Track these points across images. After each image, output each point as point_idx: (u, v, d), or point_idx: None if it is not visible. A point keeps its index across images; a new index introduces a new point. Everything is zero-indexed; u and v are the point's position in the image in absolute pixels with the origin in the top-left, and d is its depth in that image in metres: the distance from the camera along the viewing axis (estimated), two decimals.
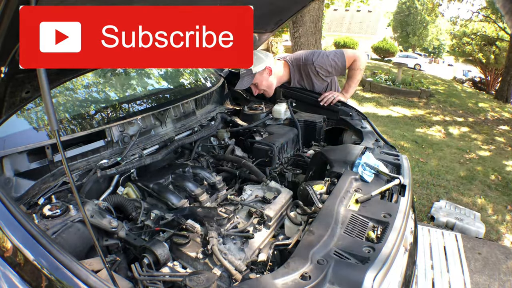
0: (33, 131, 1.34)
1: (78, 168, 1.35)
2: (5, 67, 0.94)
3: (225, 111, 2.23)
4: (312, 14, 5.66)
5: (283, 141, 1.81)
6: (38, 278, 0.82)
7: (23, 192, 1.18)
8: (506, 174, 4.63)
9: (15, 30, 0.82)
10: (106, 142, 1.47)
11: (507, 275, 2.54)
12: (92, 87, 1.78)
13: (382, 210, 1.15)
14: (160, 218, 1.23)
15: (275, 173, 1.66)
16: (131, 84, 2.01)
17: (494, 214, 3.54)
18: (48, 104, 0.70)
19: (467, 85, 16.27)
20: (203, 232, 1.14)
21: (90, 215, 1.10)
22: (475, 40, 16.04)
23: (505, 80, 11.34)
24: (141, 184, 1.39)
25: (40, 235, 0.83)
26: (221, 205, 1.39)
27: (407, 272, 1.26)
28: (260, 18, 1.56)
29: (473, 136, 6.32)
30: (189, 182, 1.44)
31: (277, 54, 13.42)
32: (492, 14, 13.84)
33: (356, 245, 0.98)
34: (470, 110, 8.77)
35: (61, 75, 1.25)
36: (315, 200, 1.22)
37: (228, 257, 1.05)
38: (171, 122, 1.81)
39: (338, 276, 0.86)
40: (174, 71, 2.34)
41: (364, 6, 8.82)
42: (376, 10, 32.89)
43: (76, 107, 1.59)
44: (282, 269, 0.89)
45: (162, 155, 1.59)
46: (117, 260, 1.03)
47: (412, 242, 1.42)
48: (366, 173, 1.35)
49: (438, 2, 15.14)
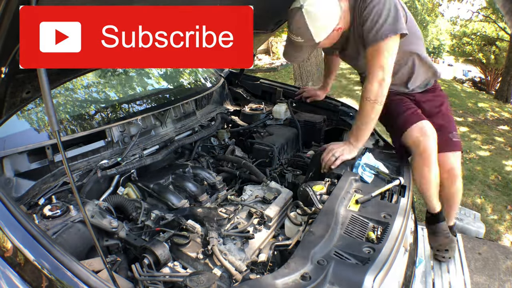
0: (34, 131, 1.34)
1: (79, 169, 1.35)
2: (6, 68, 0.94)
3: (225, 111, 2.23)
4: None
5: (283, 141, 1.81)
6: (38, 278, 0.82)
7: (24, 192, 1.18)
8: (506, 174, 4.62)
9: (16, 31, 0.82)
10: (107, 143, 1.47)
11: (507, 275, 2.54)
12: (92, 87, 1.78)
13: (382, 211, 1.15)
14: (160, 218, 1.23)
15: (275, 173, 1.66)
16: (131, 84, 2.01)
17: (494, 214, 3.53)
18: (48, 104, 0.70)
19: (467, 85, 16.26)
20: (203, 232, 1.14)
21: (90, 215, 1.10)
22: (475, 40, 16.03)
23: (505, 80, 11.33)
24: (142, 185, 1.39)
25: (40, 236, 0.83)
26: (221, 205, 1.39)
27: (407, 272, 1.26)
28: (260, 18, 1.55)
29: (473, 136, 6.31)
30: (189, 182, 1.44)
31: (276, 54, 13.22)
32: (492, 14, 13.83)
33: (356, 245, 0.98)
34: (470, 110, 8.76)
35: (61, 75, 1.25)
36: (315, 200, 1.22)
37: (229, 258, 1.05)
38: (171, 122, 1.81)
39: (338, 277, 0.86)
40: (174, 71, 2.34)
41: None
42: None
43: (76, 107, 1.59)
44: (282, 270, 0.89)
45: (162, 155, 1.59)
46: (118, 260, 1.03)
47: (412, 242, 1.42)
48: (366, 174, 1.35)
49: (438, 2, 15.14)
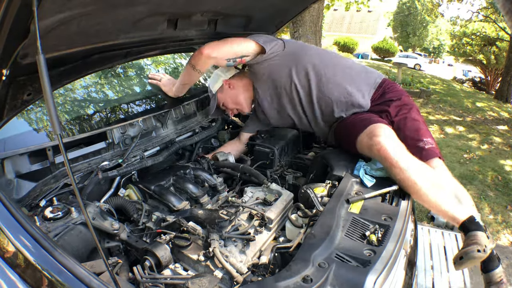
0: (34, 132, 1.34)
1: (80, 170, 1.35)
2: (7, 70, 0.94)
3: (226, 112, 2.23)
4: (312, 14, 5.65)
5: (284, 143, 1.81)
6: (40, 280, 0.83)
7: (25, 193, 1.18)
8: (505, 174, 4.63)
9: (17, 33, 0.82)
10: (107, 144, 1.47)
11: (507, 275, 2.55)
12: (93, 88, 1.78)
13: (383, 213, 1.15)
14: (161, 220, 1.23)
15: (276, 175, 1.66)
16: (132, 86, 2.01)
17: (494, 214, 3.54)
18: (51, 107, 0.70)
19: (467, 85, 16.27)
20: (205, 234, 1.14)
21: (91, 217, 1.10)
22: (475, 41, 16.03)
23: (505, 80, 11.34)
24: (142, 186, 1.39)
25: (42, 238, 0.83)
26: (222, 207, 1.39)
27: (407, 274, 1.26)
28: (261, 21, 1.55)
29: (473, 136, 6.32)
30: (190, 184, 1.44)
31: None
32: (492, 14, 13.83)
33: (357, 248, 0.99)
34: (470, 110, 8.77)
35: (63, 77, 1.25)
36: (316, 203, 1.23)
37: (230, 260, 1.06)
38: (172, 123, 1.81)
39: (339, 279, 0.86)
40: (174, 71, 2.34)
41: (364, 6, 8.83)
42: (376, 10, 32.87)
43: (77, 108, 1.60)
44: (283, 272, 0.89)
45: (163, 157, 1.60)
46: (119, 262, 1.03)
47: (412, 245, 1.42)
48: (366, 176, 1.35)
49: (438, 3, 15.14)
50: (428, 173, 1.29)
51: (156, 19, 1.30)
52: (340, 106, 1.61)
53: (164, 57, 2.39)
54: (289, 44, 1.63)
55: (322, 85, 1.61)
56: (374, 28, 33.75)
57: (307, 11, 5.59)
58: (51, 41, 1.00)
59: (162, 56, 2.31)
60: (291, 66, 1.61)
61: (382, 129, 1.37)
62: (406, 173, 1.25)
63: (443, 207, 1.26)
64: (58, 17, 0.91)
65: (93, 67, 1.36)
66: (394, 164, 1.27)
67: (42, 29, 0.88)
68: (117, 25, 1.19)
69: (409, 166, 1.26)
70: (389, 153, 1.28)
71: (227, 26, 1.70)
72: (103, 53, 1.32)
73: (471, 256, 1.13)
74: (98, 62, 1.35)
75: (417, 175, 1.25)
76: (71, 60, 1.23)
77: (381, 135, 1.33)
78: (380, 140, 1.31)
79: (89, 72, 1.40)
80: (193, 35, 1.59)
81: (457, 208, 1.27)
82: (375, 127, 1.39)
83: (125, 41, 1.33)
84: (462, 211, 1.27)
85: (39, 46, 0.69)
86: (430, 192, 1.25)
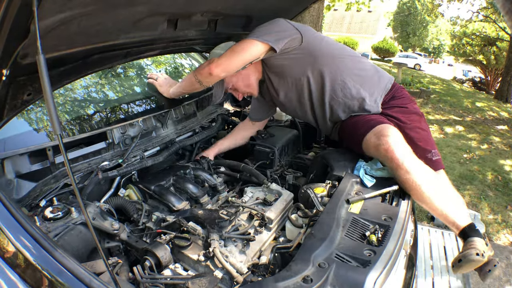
0: (34, 132, 1.34)
1: (80, 170, 1.35)
2: (7, 70, 0.94)
3: (226, 112, 2.23)
4: (312, 14, 5.65)
5: (284, 143, 1.81)
6: (40, 281, 0.83)
7: (25, 194, 1.18)
8: (505, 174, 4.63)
9: (17, 33, 0.82)
10: (108, 144, 1.47)
11: (507, 275, 2.55)
12: (94, 88, 1.78)
13: (383, 213, 1.15)
14: (161, 220, 1.23)
15: (276, 175, 1.66)
16: (132, 86, 2.01)
17: (494, 214, 3.54)
18: (51, 108, 0.70)
19: (467, 85, 16.28)
20: (205, 234, 1.14)
21: (91, 217, 1.10)
22: (475, 41, 16.04)
23: (505, 80, 11.34)
24: (143, 186, 1.39)
25: (42, 238, 0.83)
26: (222, 207, 1.39)
27: (407, 274, 1.26)
28: (261, 21, 1.55)
29: (473, 136, 6.32)
30: (190, 184, 1.44)
31: None
32: (492, 14, 13.83)
33: (357, 248, 0.99)
34: (470, 110, 8.78)
35: (63, 77, 1.25)
36: (316, 203, 1.23)
37: (230, 260, 1.06)
38: (172, 123, 1.81)
39: (339, 279, 0.86)
40: (174, 71, 2.34)
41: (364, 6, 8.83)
42: (376, 10, 32.88)
43: (77, 108, 1.60)
44: (283, 272, 0.89)
45: (163, 157, 1.60)
46: (119, 262, 1.03)
47: (412, 245, 1.42)
48: (367, 176, 1.35)
49: (438, 3, 15.14)
50: (432, 178, 1.31)
51: (156, 19, 1.30)
52: (351, 108, 1.60)
53: (164, 57, 2.39)
54: (307, 39, 1.51)
55: (336, 89, 1.58)
56: (374, 28, 33.76)
57: (307, 11, 5.59)
58: (51, 41, 1.00)
59: (162, 56, 2.31)
60: (306, 67, 1.55)
61: (391, 130, 1.38)
62: (411, 175, 1.26)
63: (445, 211, 1.28)
64: (58, 17, 0.91)
65: (93, 67, 1.36)
66: (400, 165, 1.28)
67: (42, 29, 0.87)
68: (117, 25, 1.19)
69: (415, 169, 1.27)
70: (395, 154, 1.29)
71: (227, 26, 1.70)
72: (103, 53, 1.32)
73: (470, 260, 1.15)
74: (98, 62, 1.35)
75: (422, 178, 1.27)
76: (71, 60, 1.23)
77: (390, 136, 1.34)
78: (388, 140, 1.32)
79: (89, 72, 1.40)
80: (193, 35, 1.59)
81: (457, 214, 1.29)
82: (383, 127, 1.41)
83: (125, 41, 1.32)
84: (462, 217, 1.29)
85: (39, 46, 0.69)
86: (433, 196, 1.27)
